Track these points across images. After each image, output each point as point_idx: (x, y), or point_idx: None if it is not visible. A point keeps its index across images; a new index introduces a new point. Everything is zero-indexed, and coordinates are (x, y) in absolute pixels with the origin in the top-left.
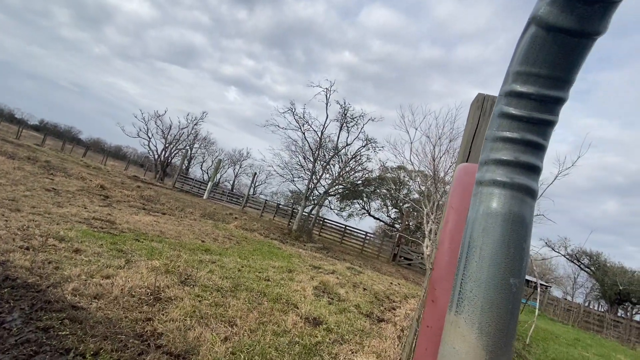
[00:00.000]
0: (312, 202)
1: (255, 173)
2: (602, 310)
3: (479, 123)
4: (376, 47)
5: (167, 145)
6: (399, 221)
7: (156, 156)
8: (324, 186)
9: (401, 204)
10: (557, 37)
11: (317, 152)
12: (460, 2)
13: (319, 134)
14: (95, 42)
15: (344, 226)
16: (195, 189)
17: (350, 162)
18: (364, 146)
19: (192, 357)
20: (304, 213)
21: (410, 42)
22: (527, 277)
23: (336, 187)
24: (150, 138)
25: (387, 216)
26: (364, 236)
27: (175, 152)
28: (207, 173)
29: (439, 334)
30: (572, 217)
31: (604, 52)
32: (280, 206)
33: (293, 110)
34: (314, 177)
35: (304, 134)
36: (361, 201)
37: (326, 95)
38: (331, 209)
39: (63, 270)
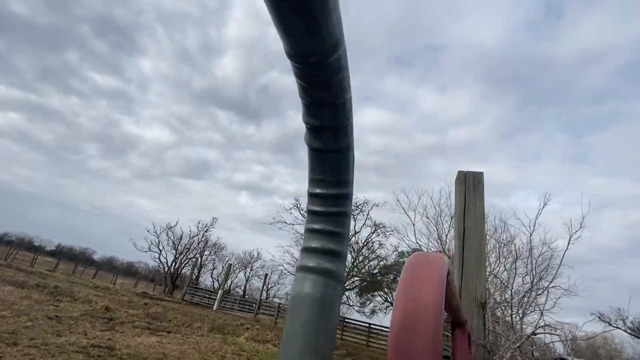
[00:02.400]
0: None
1: (267, 274)
2: None
3: (467, 197)
4: (373, 141)
5: (177, 255)
6: None
7: (166, 269)
8: None
9: None
10: (318, 154)
11: None
12: (440, 97)
13: None
14: (118, 168)
15: (367, 325)
16: (205, 299)
17: (363, 251)
18: (374, 232)
19: None
20: None
21: (404, 133)
22: None
23: (352, 279)
24: (160, 250)
25: None
26: None
27: (185, 262)
28: (218, 280)
29: None
30: (619, 283)
31: (587, 115)
32: None
33: (298, 205)
34: None
35: None
36: (382, 293)
37: None
38: (350, 305)
39: None
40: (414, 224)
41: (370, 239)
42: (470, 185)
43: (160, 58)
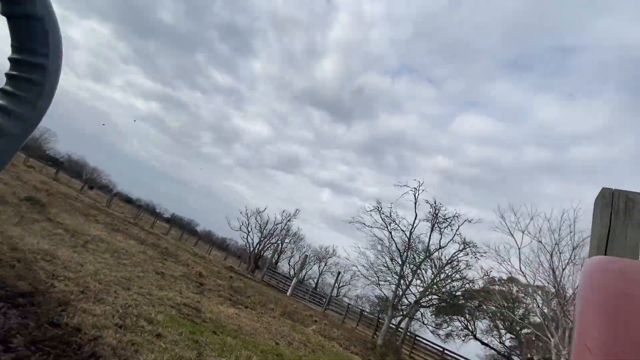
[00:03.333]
0: (401, 312)
1: (340, 272)
2: None
3: (612, 223)
4: (472, 152)
5: (262, 238)
6: (517, 352)
7: (251, 249)
8: (414, 294)
9: (518, 328)
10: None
11: (405, 253)
12: (565, 106)
13: (408, 234)
14: (225, 156)
15: (441, 349)
16: (281, 284)
17: (446, 268)
18: (461, 250)
19: None
20: (391, 325)
21: (512, 145)
22: None
23: (429, 296)
24: (249, 232)
25: (500, 343)
26: None
27: (268, 245)
28: (294, 268)
29: None
30: None
31: None
32: (365, 313)
33: (379, 208)
34: (402, 281)
35: (390, 233)
36: (462, 319)
37: (414, 195)
38: (424, 323)
39: (140, 354)
40: (519, 248)
41: (455, 257)
42: (619, 208)
43: (269, 60)
